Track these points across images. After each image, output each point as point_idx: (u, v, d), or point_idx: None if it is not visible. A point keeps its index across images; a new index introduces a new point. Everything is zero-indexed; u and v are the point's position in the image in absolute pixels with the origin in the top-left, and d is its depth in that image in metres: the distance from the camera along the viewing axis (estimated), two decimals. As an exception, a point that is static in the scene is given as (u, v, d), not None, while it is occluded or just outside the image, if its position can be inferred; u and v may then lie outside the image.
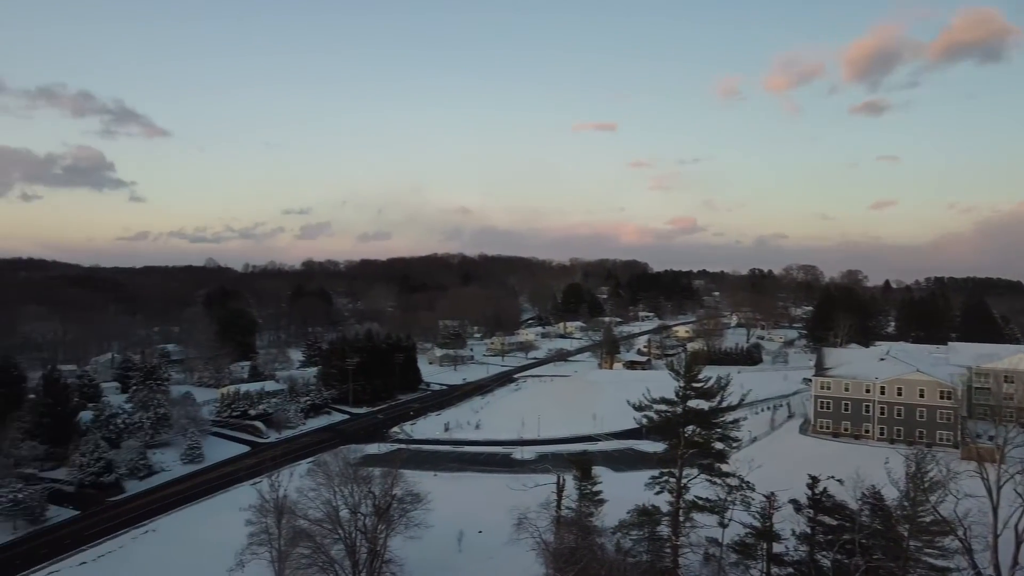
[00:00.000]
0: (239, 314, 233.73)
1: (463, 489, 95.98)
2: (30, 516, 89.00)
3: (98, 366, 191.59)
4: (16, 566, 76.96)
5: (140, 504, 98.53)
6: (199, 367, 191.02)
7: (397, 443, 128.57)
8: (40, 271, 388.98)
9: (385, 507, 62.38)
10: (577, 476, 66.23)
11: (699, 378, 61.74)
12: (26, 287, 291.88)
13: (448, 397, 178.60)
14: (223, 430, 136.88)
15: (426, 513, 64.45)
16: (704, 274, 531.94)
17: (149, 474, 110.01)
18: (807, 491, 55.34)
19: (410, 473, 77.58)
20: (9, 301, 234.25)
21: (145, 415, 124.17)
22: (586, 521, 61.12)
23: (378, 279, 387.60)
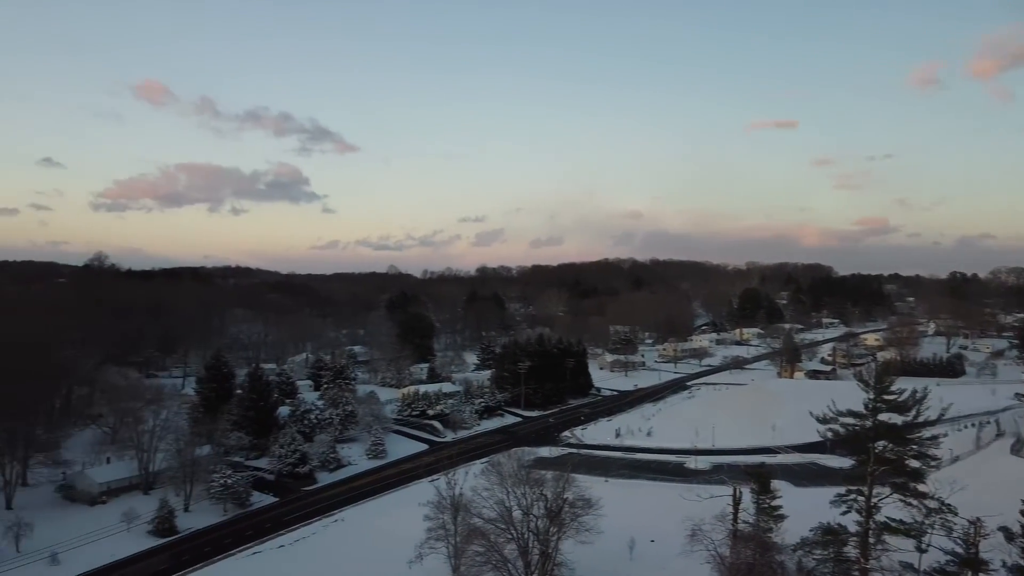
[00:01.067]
0: (418, 318, 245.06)
1: (635, 496, 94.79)
2: (237, 500, 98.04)
3: (294, 365, 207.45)
4: (225, 545, 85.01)
5: (330, 495, 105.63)
6: (382, 368, 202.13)
7: (568, 447, 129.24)
8: (246, 278, 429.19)
9: (557, 510, 62.86)
10: (755, 489, 63.41)
11: (891, 390, 57.05)
12: (234, 292, 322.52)
13: (619, 403, 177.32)
14: (404, 428, 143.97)
15: (597, 519, 64.22)
16: (896, 278, 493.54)
17: (338, 467, 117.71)
18: (1021, 518, 49.69)
19: (581, 478, 77.73)
20: (221, 305, 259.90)
21: (335, 412, 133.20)
22: (765, 537, 58.34)
23: (549, 284, 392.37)
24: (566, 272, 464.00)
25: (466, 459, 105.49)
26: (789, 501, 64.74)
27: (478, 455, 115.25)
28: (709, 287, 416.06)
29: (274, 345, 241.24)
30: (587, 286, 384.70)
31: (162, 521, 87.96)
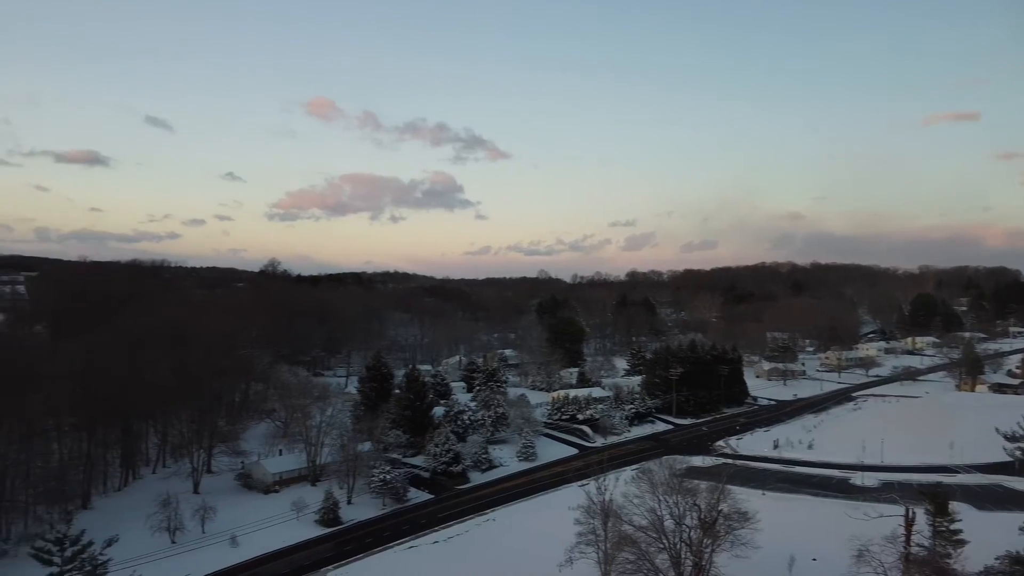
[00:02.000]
0: (568, 323, 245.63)
1: (794, 512, 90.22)
2: (395, 496, 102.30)
3: (448, 367, 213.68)
4: (385, 537, 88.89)
5: (482, 494, 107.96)
6: (532, 371, 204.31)
7: (722, 457, 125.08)
8: (403, 282, 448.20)
9: (711, 522, 60.94)
10: (930, 510, 58.64)
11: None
12: (393, 296, 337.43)
13: (777, 413, 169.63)
14: (553, 432, 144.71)
15: (754, 533, 61.64)
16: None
17: (490, 467, 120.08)
18: None
19: (737, 489, 74.88)
20: (380, 308, 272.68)
21: (487, 413, 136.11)
22: (942, 563, 53.87)
23: (702, 289, 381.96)
24: (720, 276, 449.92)
25: (616, 465, 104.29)
26: (970, 525, 59.39)
27: (628, 461, 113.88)
28: (877, 292, 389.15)
29: (429, 347, 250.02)
30: (742, 291, 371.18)
31: (327, 512, 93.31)
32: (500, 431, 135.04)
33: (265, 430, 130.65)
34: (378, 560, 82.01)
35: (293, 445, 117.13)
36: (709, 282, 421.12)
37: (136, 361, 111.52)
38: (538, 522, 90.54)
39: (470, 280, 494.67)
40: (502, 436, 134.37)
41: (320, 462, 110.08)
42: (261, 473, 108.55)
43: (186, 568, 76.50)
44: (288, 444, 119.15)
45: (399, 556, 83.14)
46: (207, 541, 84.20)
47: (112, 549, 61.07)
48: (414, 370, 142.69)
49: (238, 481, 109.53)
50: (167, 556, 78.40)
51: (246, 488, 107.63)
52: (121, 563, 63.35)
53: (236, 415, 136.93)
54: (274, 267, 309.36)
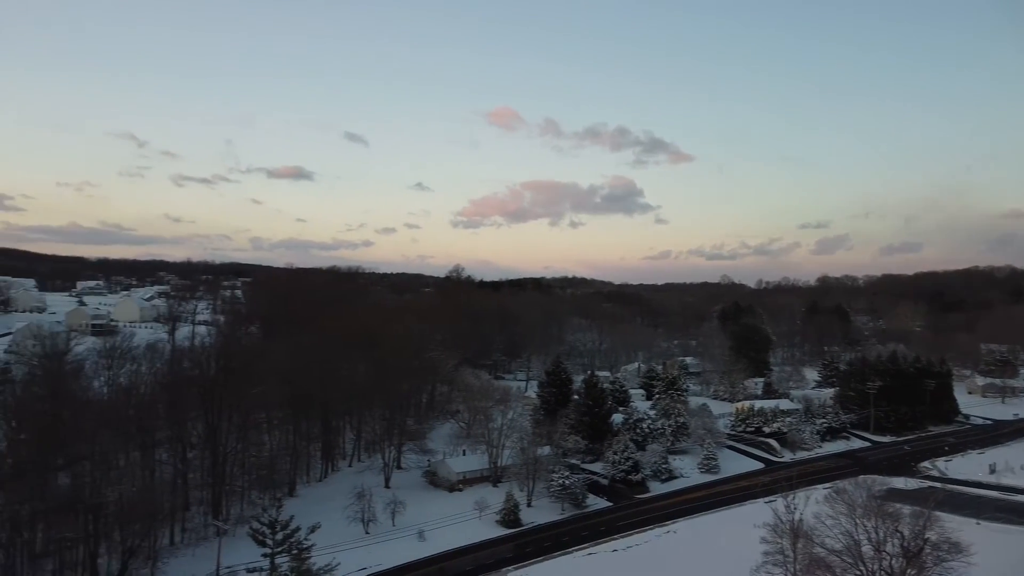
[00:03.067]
0: (753, 330, 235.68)
1: (1017, 546, 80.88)
2: (574, 501, 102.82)
3: (626, 374, 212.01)
4: (564, 542, 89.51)
5: (662, 505, 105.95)
6: (714, 380, 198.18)
7: (928, 480, 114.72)
8: (582, 288, 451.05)
9: (916, 551, 55.80)
10: None
11: None
12: (571, 302, 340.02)
13: (993, 434, 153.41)
14: (737, 444, 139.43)
15: (968, 566, 55.82)
16: None
17: (670, 478, 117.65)
18: None
19: (946, 516, 67.99)
20: (559, 314, 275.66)
21: (667, 422, 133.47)
22: None
23: (903, 295, 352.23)
24: (924, 282, 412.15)
25: (806, 482, 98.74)
26: None
27: (820, 479, 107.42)
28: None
29: (607, 353, 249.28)
30: (952, 298, 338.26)
31: (508, 513, 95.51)
32: (680, 441, 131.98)
33: (450, 430, 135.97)
34: (557, 564, 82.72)
35: (476, 446, 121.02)
36: (912, 288, 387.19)
37: (335, 361, 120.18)
38: (721, 537, 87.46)
39: (649, 285, 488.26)
40: (682, 446, 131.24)
41: (501, 464, 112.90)
42: (446, 472, 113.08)
43: (378, 558, 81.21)
44: (471, 445, 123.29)
45: (578, 562, 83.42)
46: (397, 533, 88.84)
47: (315, 535, 65.96)
48: (593, 376, 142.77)
49: (424, 478, 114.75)
50: (361, 545, 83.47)
51: (432, 485, 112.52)
52: (322, 548, 68.11)
53: (423, 415, 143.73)
54: (458, 273, 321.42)
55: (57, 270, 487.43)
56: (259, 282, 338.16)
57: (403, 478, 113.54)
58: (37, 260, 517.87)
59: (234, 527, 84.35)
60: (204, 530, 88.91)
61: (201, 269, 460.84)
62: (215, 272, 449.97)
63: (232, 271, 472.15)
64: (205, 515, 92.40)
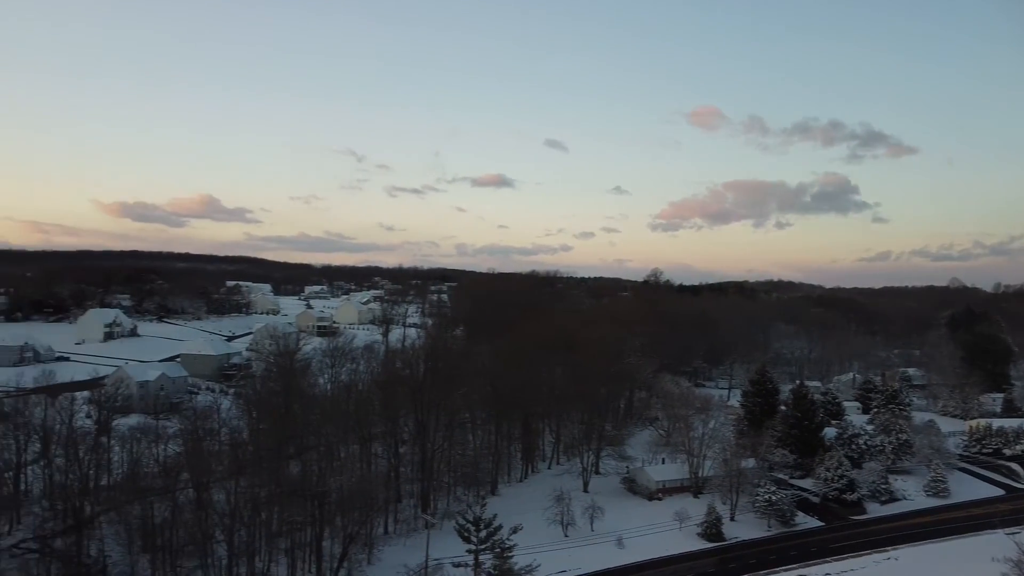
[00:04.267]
0: (990, 339, 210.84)
1: None
2: (781, 518, 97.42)
3: (839, 384, 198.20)
4: (770, 560, 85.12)
5: (881, 528, 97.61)
6: (942, 395, 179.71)
7: None
8: (788, 292, 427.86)
9: None
10: None
11: None
12: (777, 307, 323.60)
13: None
14: (970, 467, 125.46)
15: None
16: None
17: (890, 500, 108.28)
18: None
19: None
20: (764, 319, 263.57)
21: (886, 439, 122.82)
22: None
23: None
24: None
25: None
26: None
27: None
28: None
29: (818, 362, 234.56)
30: None
31: (710, 526, 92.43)
32: (902, 460, 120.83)
33: (648, 437, 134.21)
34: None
35: (675, 455, 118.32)
36: None
37: (534, 364, 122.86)
38: (950, 569, 79.15)
39: (864, 289, 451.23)
40: (905, 466, 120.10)
41: (702, 474, 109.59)
42: (645, 479, 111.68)
43: (577, 562, 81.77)
44: (670, 453, 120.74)
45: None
46: (595, 539, 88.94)
47: (516, 535, 67.69)
48: (801, 386, 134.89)
49: (623, 485, 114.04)
50: (560, 548, 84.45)
51: (630, 492, 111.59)
52: (523, 548, 69.67)
53: (621, 421, 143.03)
54: (656, 277, 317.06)
55: (288, 276, 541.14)
56: (463, 286, 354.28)
57: (601, 483, 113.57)
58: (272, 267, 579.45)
59: (441, 521, 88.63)
60: (414, 522, 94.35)
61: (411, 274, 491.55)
62: (424, 277, 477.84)
63: (439, 276, 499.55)
64: (415, 508, 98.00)
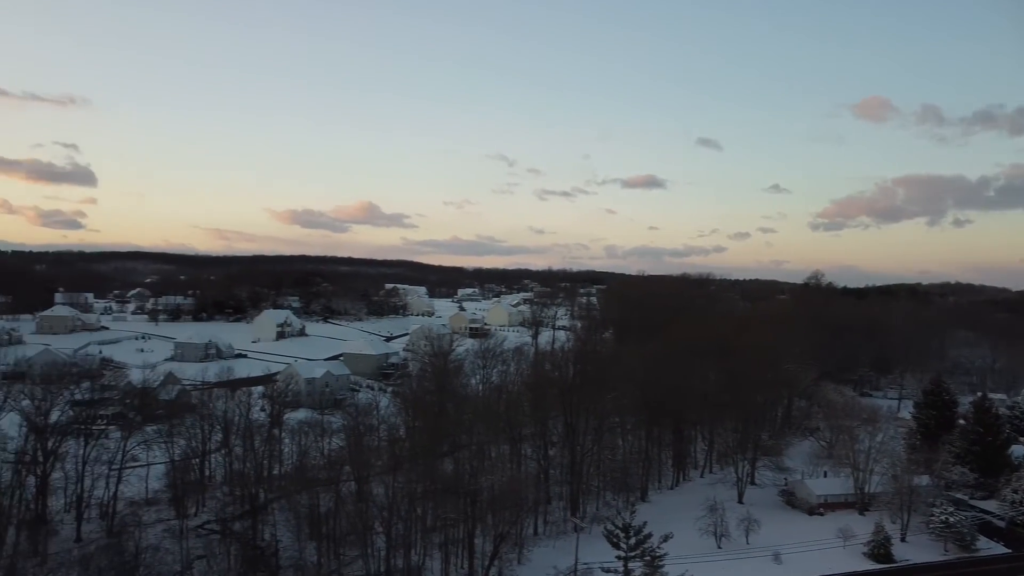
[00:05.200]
0: None
1: None
2: (960, 542, 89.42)
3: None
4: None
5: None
6: None
7: None
8: (968, 295, 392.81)
9: None
10: None
11: None
12: (955, 311, 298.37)
13: None
14: None
15: None
16: None
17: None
18: None
19: None
20: (940, 325, 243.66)
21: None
22: None
23: None
24: None
25: None
26: None
27: None
28: None
29: (1003, 373, 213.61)
30: None
31: (878, 546, 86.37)
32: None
33: (808, 448, 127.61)
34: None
35: (838, 468, 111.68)
36: None
37: (686, 369, 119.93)
38: None
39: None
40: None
41: (869, 490, 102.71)
42: (805, 493, 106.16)
43: (732, 575, 79.03)
44: (833, 466, 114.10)
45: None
46: (750, 552, 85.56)
47: (667, 544, 66.37)
48: (984, 399, 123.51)
49: (780, 497, 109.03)
50: (712, 560, 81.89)
51: (788, 506, 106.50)
52: (674, 558, 68.22)
53: (779, 430, 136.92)
54: (817, 279, 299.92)
55: (442, 279, 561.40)
56: (613, 289, 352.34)
57: (757, 495, 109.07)
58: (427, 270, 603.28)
59: (590, 525, 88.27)
60: (563, 524, 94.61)
61: (560, 277, 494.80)
62: (573, 279, 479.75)
63: (588, 278, 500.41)
64: (564, 510, 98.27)
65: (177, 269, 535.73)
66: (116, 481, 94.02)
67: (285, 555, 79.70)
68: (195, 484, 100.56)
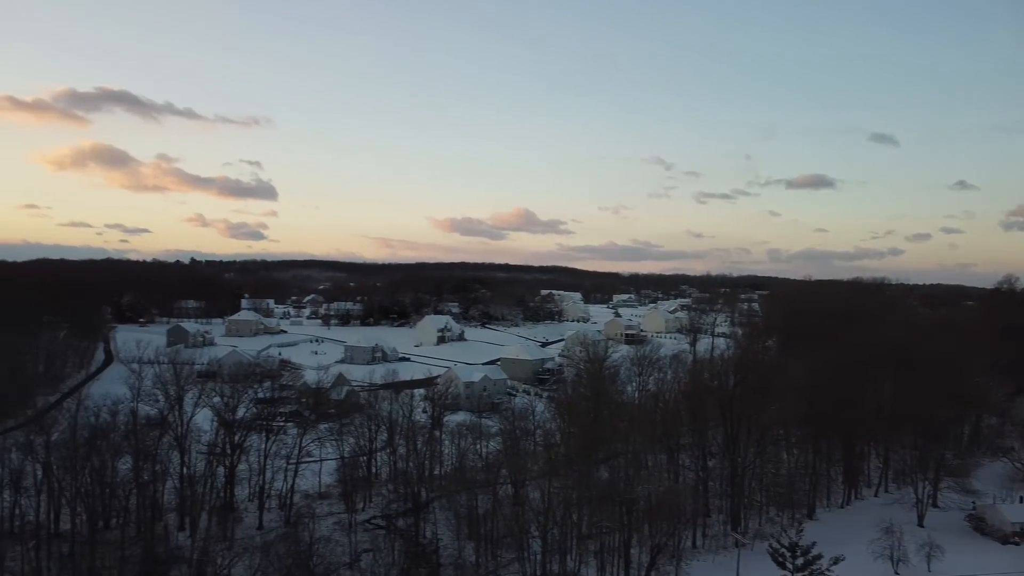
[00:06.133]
0: None
1: None
2: None
3: None
4: None
5: None
6: None
7: None
8: None
9: None
10: None
11: None
12: None
13: None
14: None
15: None
16: None
17: None
18: None
19: None
20: None
21: None
22: None
23: None
24: None
25: None
26: None
27: None
28: None
29: None
30: None
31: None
32: None
33: (1000, 470, 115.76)
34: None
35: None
36: None
37: (858, 380, 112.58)
38: None
39: None
40: None
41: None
42: (998, 519, 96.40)
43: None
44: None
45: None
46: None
47: (837, 567, 62.50)
48: None
49: (968, 523, 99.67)
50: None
51: (977, 532, 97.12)
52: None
53: (965, 449, 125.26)
54: (1010, 283, 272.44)
55: (597, 284, 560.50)
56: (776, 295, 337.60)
57: (939, 518, 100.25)
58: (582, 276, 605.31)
59: (752, 541, 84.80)
60: (723, 539, 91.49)
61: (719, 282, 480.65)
62: (733, 285, 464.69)
63: (749, 284, 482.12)
64: (724, 524, 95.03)
65: (347, 276, 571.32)
66: (293, 474, 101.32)
67: (445, 553, 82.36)
68: (362, 480, 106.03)
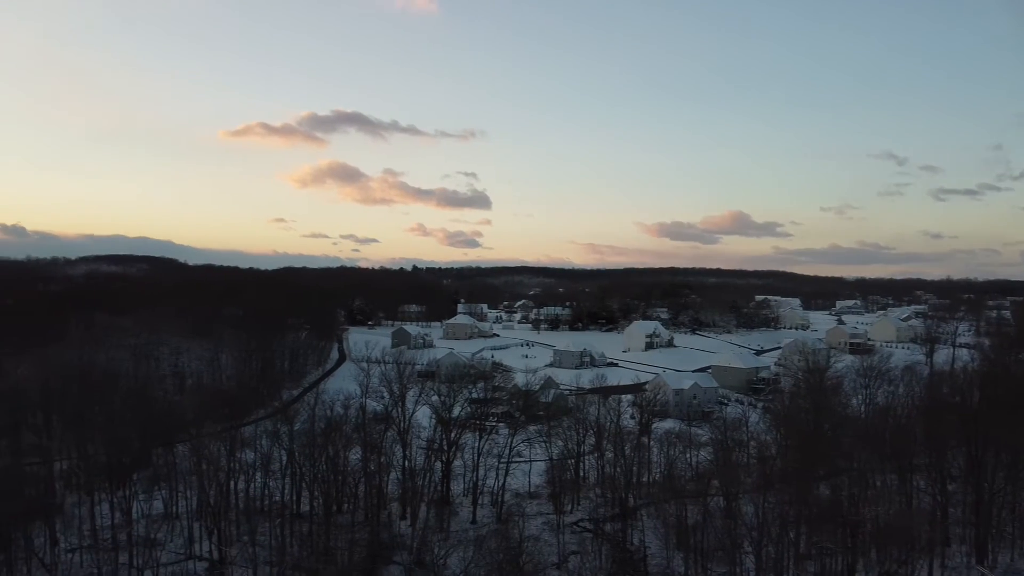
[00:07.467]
0: None
1: None
2: None
3: None
4: None
5: None
6: None
7: None
8: None
9: None
10: None
11: None
12: None
13: None
14: None
15: None
16: None
17: None
18: None
19: None
20: None
21: None
22: None
23: None
24: None
25: None
26: None
27: None
28: None
29: None
30: None
31: None
32: None
33: None
34: None
35: None
36: None
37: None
38: None
39: None
40: None
41: None
42: None
43: None
44: None
45: None
46: None
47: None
48: None
49: None
50: None
51: None
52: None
53: None
54: None
55: (818, 290, 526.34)
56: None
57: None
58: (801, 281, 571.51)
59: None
60: (966, 571, 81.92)
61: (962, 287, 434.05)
62: (978, 290, 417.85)
63: (999, 289, 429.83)
64: (967, 556, 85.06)
65: (556, 282, 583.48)
66: (504, 473, 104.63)
67: (652, 562, 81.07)
68: (570, 483, 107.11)
